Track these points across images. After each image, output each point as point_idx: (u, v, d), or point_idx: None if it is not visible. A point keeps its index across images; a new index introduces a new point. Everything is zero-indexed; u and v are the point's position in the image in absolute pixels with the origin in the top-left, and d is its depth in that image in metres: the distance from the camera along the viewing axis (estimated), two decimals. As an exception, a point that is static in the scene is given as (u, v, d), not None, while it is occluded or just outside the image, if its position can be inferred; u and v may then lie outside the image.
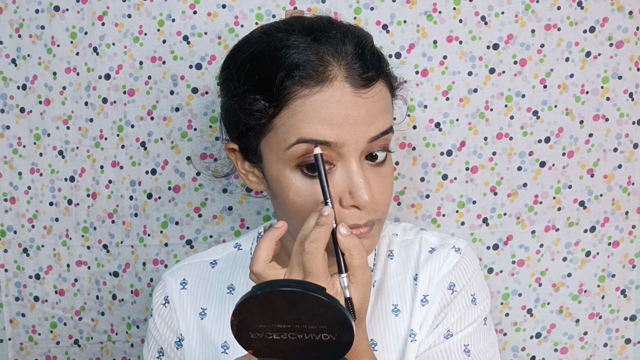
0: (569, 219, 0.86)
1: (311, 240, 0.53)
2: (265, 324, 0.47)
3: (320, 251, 0.53)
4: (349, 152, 0.57)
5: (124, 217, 0.87)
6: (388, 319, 0.67)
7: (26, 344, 0.93)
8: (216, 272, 0.72)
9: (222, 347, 0.68)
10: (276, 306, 0.47)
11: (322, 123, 0.56)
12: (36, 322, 0.92)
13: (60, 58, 0.84)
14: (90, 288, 0.90)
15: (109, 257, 0.88)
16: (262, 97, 0.58)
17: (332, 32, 0.58)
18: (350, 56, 0.57)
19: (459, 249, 0.69)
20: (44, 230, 0.89)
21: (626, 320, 0.89)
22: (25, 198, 0.88)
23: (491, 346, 0.67)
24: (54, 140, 0.86)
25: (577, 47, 0.82)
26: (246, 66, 0.59)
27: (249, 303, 0.47)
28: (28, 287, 0.90)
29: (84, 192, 0.87)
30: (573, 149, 0.84)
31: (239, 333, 0.48)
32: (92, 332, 0.91)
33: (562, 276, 0.87)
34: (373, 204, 0.58)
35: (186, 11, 0.81)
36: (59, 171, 0.87)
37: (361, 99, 0.57)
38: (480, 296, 0.68)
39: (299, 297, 0.46)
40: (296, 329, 0.47)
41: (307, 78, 0.56)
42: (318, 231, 0.54)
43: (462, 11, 0.80)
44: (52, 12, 0.83)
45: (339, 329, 0.47)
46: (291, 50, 0.57)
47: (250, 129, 0.60)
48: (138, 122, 0.84)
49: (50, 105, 0.85)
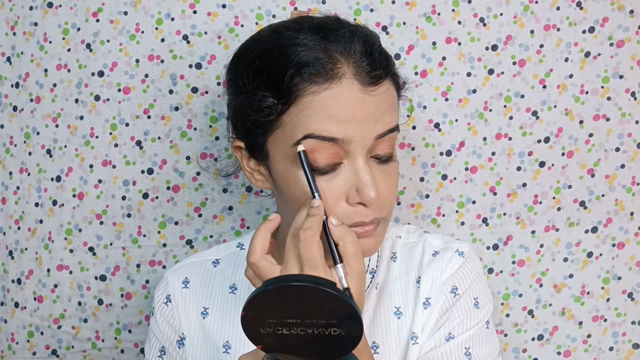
0: (569, 219, 0.92)
1: (305, 228, 0.58)
2: (275, 319, 0.50)
3: (315, 238, 0.58)
4: (356, 148, 0.62)
5: (114, 218, 0.91)
6: (390, 321, 0.72)
7: (6, 353, 0.94)
8: (218, 271, 0.78)
9: (224, 346, 0.73)
10: (287, 301, 0.50)
11: (330, 119, 0.61)
12: (15, 330, 0.94)
13: (51, 55, 0.88)
14: (71, 294, 0.92)
15: (95, 260, 0.92)
16: (271, 93, 0.63)
17: (341, 30, 0.64)
18: (359, 54, 0.63)
19: (462, 252, 0.74)
20: (28, 232, 0.92)
21: (634, 324, 0.94)
22: (14, 199, 0.92)
23: (492, 350, 0.72)
24: (43, 138, 0.90)
25: (576, 47, 0.88)
26: (255, 63, 0.65)
27: (260, 298, 0.50)
28: (11, 292, 0.93)
29: (69, 193, 0.91)
30: (573, 149, 0.90)
31: (248, 328, 0.51)
32: (72, 341, 0.94)
33: (563, 277, 0.92)
34: (379, 201, 0.64)
35: (186, 10, 0.87)
36: (46, 171, 0.91)
37: (369, 96, 0.62)
38: (483, 300, 0.73)
39: (310, 291, 0.49)
40: (306, 323, 0.50)
41: (316, 75, 0.61)
42: (311, 220, 0.59)
43: (461, 13, 0.87)
44: (45, 9, 0.88)
45: (348, 323, 0.50)
46: (300, 48, 0.62)
47: (258, 126, 0.65)
48: (133, 121, 0.89)
49: (41, 103, 0.90)
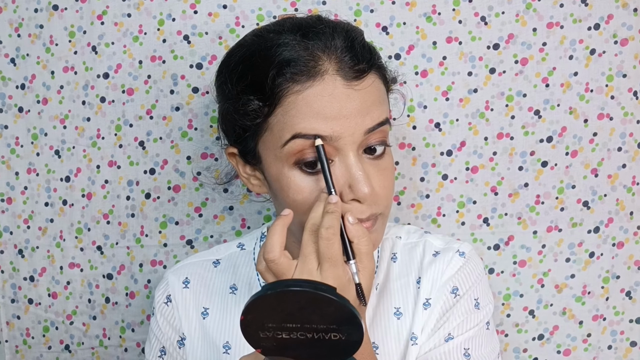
0: (572, 220, 0.93)
1: (327, 227, 0.60)
2: (275, 323, 0.51)
3: (337, 237, 0.60)
4: (346, 145, 0.63)
5: (119, 218, 0.94)
6: (390, 321, 0.73)
7: (21, 347, 1.00)
8: (219, 271, 0.80)
9: (224, 347, 0.75)
10: (286, 306, 0.51)
11: (316, 117, 0.62)
12: (30, 325, 0.99)
13: (58, 57, 0.92)
14: (82, 291, 0.97)
15: (102, 259, 0.95)
16: (255, 97, 0.64)
17: (321, 27, 0.65)
18: (340, 49, 0.63)
19: (463, 253, 0.75)
20: (39, 231, 0.96)
21: (631, 322, 0.96)
22: (22, 198, 0.96)
23: (492, 351, 0.73)
24: (51, 139, 0.94)
25: (581, 44, 0.89)
26: (238, 68, 0.66)
27: (259, 302, 0.51)
28: (23, 289, 0.98)
29: (79, 193, 0.94)
30: (577, 149, 0.91)
31: (247, 332, 0.52)
32: (83, 337, 0.98)
33: (565, 277, 0.94)
34: (373, 197, 0.64)
35: (187, 11, 0.89)
36: (55, 171, 0.95)
37: (353, 91, 0.63)
38: (484, 301, 0.74)
39: (310, 296, 0.50)
40: (306, 328, 0.51)
41: (298, 74, 0.62)
42: (331, 218, 0.60)
43: (462, 12, 0.88)
44: (50, 11, 0.91)
45: (348, 328, 0.51)
46: (281, 48, 0.63)
47: (247, 130, 0.66)
48: (137, 122, 0.92)
49: (48, 105, 0.93)
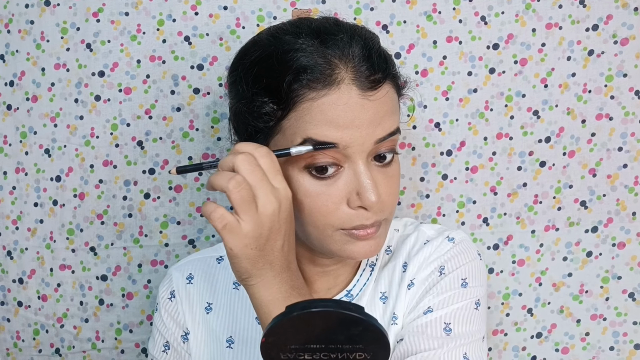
0: (570, 219, 0.97)
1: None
2: (298, 344, 0.51)
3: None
4: (355, 153, 0.66)
5: (115, 218, 0.96)
6: (376, 307, 0.77)
7: (12, 350, 1.01)
8: (222, 267, 0.84)
9: (227, 341, 0.80)
10: (311, 327, 0.50)
11: (328, 125, 0.65)
12: (20, 328, 1.00)
13: (49, 54, 0.93)
14: (73, 293, 0.98)
15: (96, 260, 0.97)
16: (270, 100, 0.67)
17: (340, 35, 0.67)
18: (358, 59, 0.66)
19: (453, 238, 0.77)
20: (28, 232, 0.97)
21: (635, 324, 1.00)
22: (10, 199, 0.97)
23: (478, 331, 0.73)
24: (41, 138, 0.95)
25: (579, 45, 0.93)
26: (254, 69, 0.68)
27: (283, 324, 0.50)
28: (12, 292, 0.99)
29: (70, 193, 0.96)
30: (574, 149, 0.95)
31: (268, 354, 0.52)
32: (74, 341, 1.00)
33: (562, 276, 0.99)
34: (380, 204, 0.67)
35: (187, 12, 0.92)
36: (45, 170, 0.95)
37: (368, 101, 0.66)
38: (473, 282, 0.75)
39: (337, 316, 0.50)
40: (330, 348, 0.51)
41: (314, 81, 0.65)
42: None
43: (462, 11, 0.92)
44: (42, 7, 0.92)
45: (375, 347, 0.51)
46: (299, 54, 0.66)
47: (259, 132, 0.69)
48: (135, 121, 0.94)
49: (38, 102, 0.94)
